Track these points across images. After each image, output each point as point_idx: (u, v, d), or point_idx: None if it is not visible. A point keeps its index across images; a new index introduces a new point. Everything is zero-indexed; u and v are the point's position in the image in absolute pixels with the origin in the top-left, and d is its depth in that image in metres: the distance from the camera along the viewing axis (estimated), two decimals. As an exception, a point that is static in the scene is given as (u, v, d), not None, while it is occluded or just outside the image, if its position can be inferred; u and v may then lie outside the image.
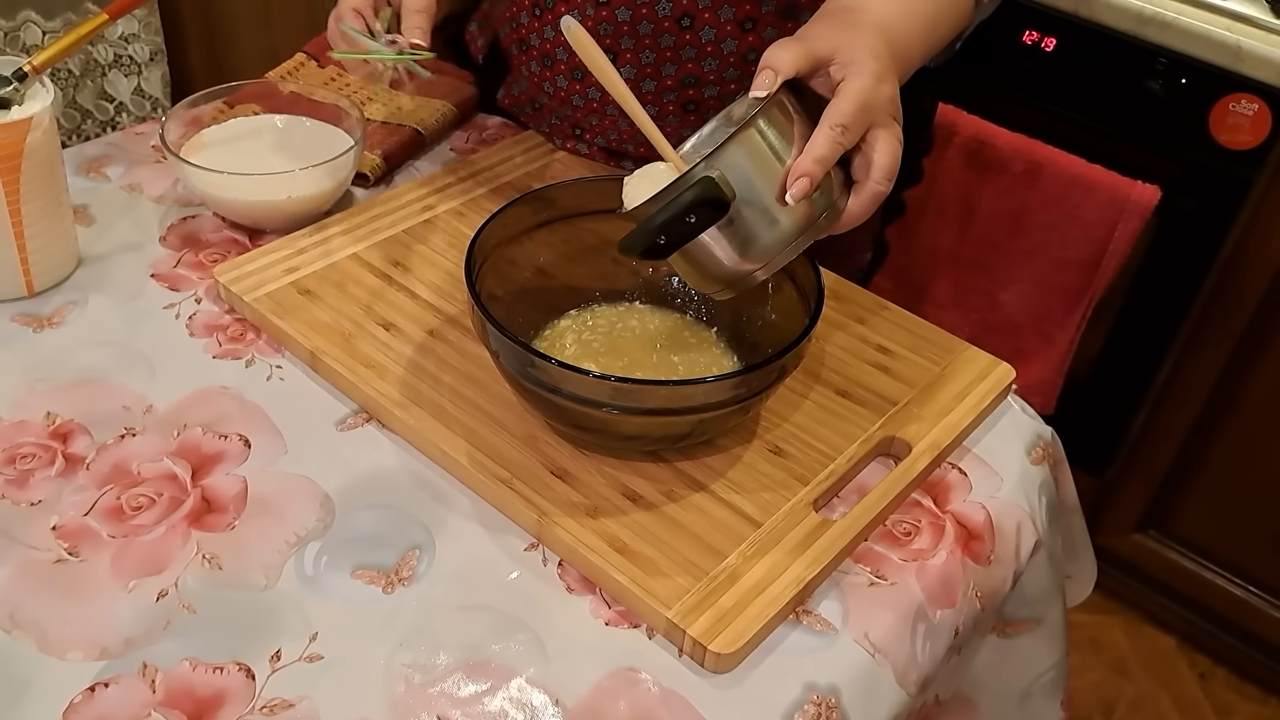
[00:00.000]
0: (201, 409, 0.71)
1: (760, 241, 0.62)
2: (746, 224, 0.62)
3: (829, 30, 0.66)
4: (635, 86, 0.86)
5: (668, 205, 0.59)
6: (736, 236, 0.62)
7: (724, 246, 0.62)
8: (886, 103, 0.64)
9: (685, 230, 0.60)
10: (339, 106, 0.90)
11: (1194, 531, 1.52)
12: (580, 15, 0.84)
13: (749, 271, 0.64)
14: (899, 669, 0.61)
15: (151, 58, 1.64)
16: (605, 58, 0.65)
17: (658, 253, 0.62)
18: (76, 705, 0.54)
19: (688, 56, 0.85)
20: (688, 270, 0.65)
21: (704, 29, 0.83)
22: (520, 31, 0.91)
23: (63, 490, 0.65)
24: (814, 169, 0.61)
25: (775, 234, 0.62)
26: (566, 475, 0.66)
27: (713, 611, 0.59)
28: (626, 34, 0.84)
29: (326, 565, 0.62)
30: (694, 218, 0.60)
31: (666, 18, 0.83)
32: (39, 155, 0.73)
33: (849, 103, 0.62)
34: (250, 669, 0.56)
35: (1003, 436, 0.75)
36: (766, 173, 0.61)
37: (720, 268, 0.64)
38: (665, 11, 0.82)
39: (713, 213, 0.60)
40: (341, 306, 0.77)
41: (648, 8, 0.82)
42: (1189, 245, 1.34)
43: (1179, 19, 1.24)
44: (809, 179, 0.61)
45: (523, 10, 0.89)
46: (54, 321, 0.76)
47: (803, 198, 0.61)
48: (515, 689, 0.57)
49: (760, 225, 0.62)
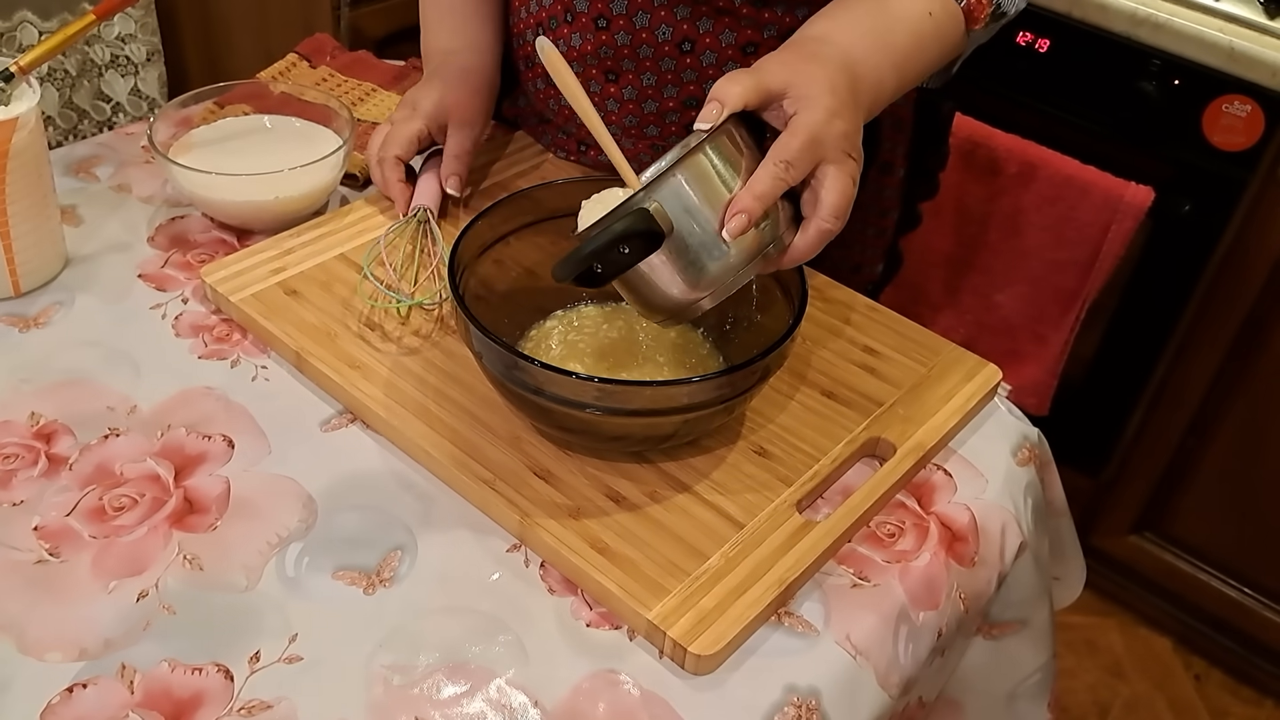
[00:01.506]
0: (186, 409, 0.71)
1: (703, 273, 0.61)
2: (688, 255, 0.60)
3: (787, 62, 0.64)
4: (637, 108, 0.86)
5: (597, 235, 0.58)
6: (678, 267, 0.61)
7: (666, 277, 0.61)
8: (839, 138, 0.62)
9: (618, 260, 0.59)
10: (329, 107, 0.90)
11: (1189, 533, 1.52)
12: (581, 38, 0.84)
13: (692, 302, 0.62)
14: (881, 671, 0.61)
15: (148, 58, 1.64)
16: (576, 80, 0.64)
17: (592, 280, 0.60)
18: (54, 706, 0.54)
19: (689, 79, 0.84)
20: (631, 297, 0.64)
21: (705, 53, 0.82)
22: (525, 49, 0.91)
23: (45, 491, 0.65)
24: (752, 205, 0.59)
25: (718, 266, 0.61)
26: (550, 476, 0.66)
27: (694, 613, 0.59)
28: (627, 57, 0.83)
29: (308, 566, 0.62)
30: (627, 249, 0.59)
31: (667, 42, 0.82)
32: (25, 155, 0.73)
33: (796, 138, 0.61)
34: (229, 670, 0.56)
35: (989, 437, 0.75)
36: (710, 204, 0.60)
37: (663, 297, 0.62)
38: (665, 36, 0.82)
39: (646, 245, 0.59)
40: (328, 307, 0.77)
41: (648, 32, 0.82)
42: (1183, 246, 1.33)
43: (1172, 20, 1.23)
44: (746, 215, 0.59)
45: (528, 29, 0.89)
46: (40, 322, 0.76)
47: (740, 233, 0.59)
48: (495, 690, 0.57)
49: (703, 256, 0.60)
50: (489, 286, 0.72)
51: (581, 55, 0.84)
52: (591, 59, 0.84)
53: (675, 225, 0.60)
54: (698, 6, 0.80)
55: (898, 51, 0.70)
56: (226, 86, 0.92)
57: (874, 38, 0.69)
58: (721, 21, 0.80)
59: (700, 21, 0.81)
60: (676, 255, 0.61)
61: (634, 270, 0.61)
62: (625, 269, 0.60)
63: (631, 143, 0.89)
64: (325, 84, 1.01)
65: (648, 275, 0.62)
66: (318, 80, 1.02)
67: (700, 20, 0.81)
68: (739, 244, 0.61)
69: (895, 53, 0.70)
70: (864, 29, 0.69)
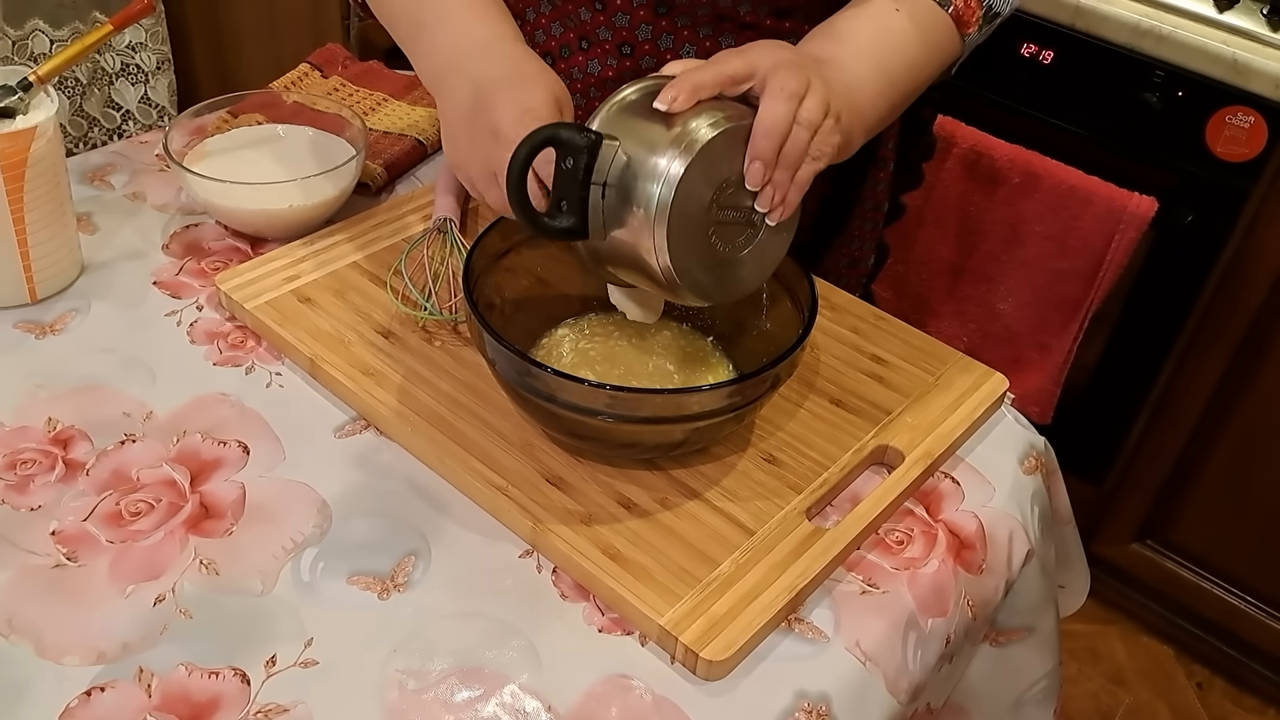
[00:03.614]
0: (201, 416, 0.71)
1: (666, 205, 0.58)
2: (642, 179, 0.59)
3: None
4: None
5: (522, 143, 0.57)
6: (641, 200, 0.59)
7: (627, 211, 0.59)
8: (784, 53, 0.62)
9: (570, 178, 0.58)
10: (341, 116, 0.91)
11: (1192, 541, 1.52)
12: (601, 65, 0.84)
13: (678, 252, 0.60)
14: (890, 677, 0.61)
15: (158, 66, 1.66)
16: None
17: (569, 229, 0.59)
18: (73, 710, 0.55)
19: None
20: (631, 273, 0.64)
21: None
22: None
23: (62, 496, 0.65)
24: (681, 81, 0.58)
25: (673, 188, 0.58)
26: (562, 483, 0.67)
27: (705, 619, 0.59)
28: None
29: (323, 571, 0.63)
30: (569, 160, 0.58)
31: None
32: (43, 164, 0.74)
33: (733, 52, 0.61)
34: (245, 674, 0.57)
35: (995, 446, 0.75)
36: (650, 128, 0.59)
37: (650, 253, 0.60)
38: (689, 56, 0.82)
39: (585, 151, 0.58)
40: (341, 315, 0.78)
41: (672, 54, 0.82)
42: (1186, 256, 1.34)
43: (1176, 32, 1.24)
44: (675, 87, 0.58)
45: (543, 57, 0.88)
46: (56, 328, 0.77)
47: (669, 103, 0.58)
48: (508, 695, 0.57)
49: (654, 177, 0.59)
50: (501, 295, 0.73)
51: (601, 82, 0.85)
52: (612, 85, 0.84)
53: (619, 140, 0.59)
54: (720, 24, 0.81)
55: (879, 54, 0.71)
56: (240, 96, 0.93)
57: (848, 43, 0.70)
58: (744, 36, 0.81)
59: (723, 38, 0.81)
60: (629, 179, 0.59)
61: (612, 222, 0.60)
62: (583, 192, 0.59)
63: None
64: (337, 93, 1.02)
65: (621, 233, 0.60)
66: (330, 90, 1.02)
67: (723, 37, 0.81)
68: (676, 150, 0.58)
69: (876, 55, 0.71)
70: (838, 38, 0.71)
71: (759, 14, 0.81)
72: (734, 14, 0.80)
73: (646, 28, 0.81)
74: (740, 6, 0.80)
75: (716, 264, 0.63)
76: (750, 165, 0.60)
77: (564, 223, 0.60)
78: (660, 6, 0.81)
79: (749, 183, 0.61)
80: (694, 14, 0.80)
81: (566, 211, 0.60)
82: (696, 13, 0.80)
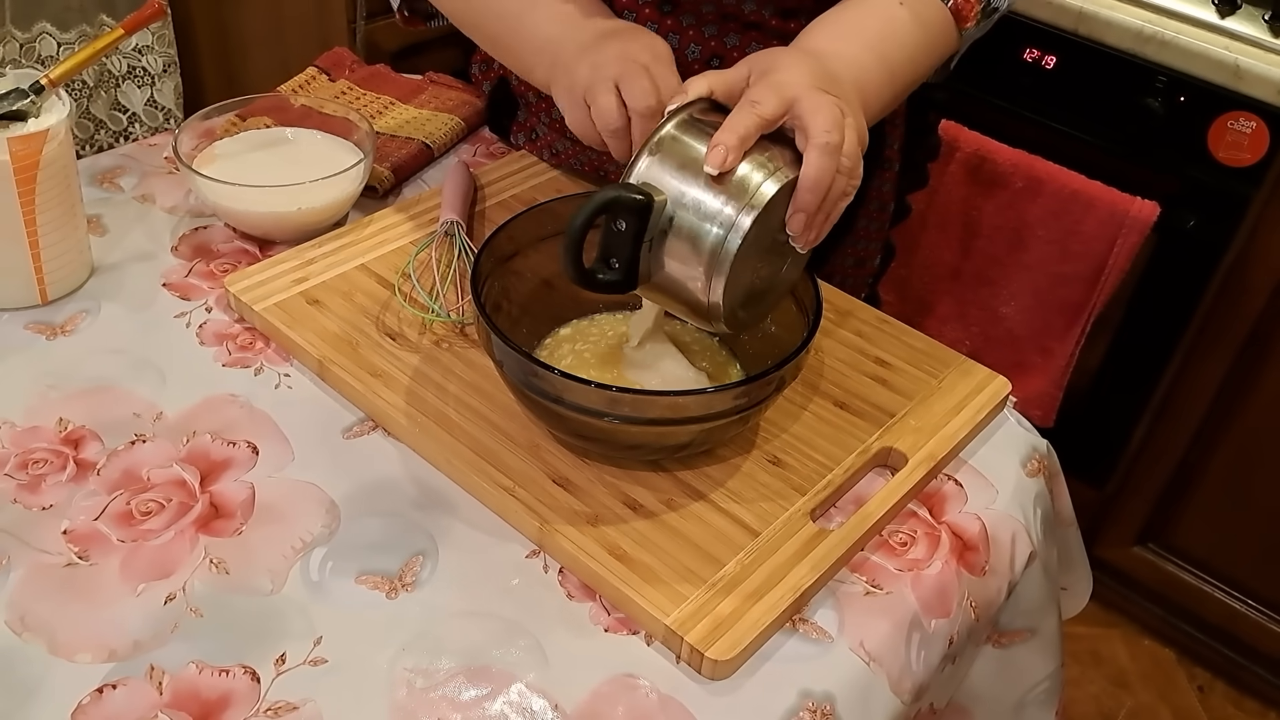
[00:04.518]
0: (210, 416, 0.72)
1: (717, 245, 0.60)
2: (692, 226, 0.60)
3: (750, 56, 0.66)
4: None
5: (578, 212, 0.58)
6: (689, 245, 0.60)
7: (682, 259, 0.60)
8: (806, 76, 0.62)
9: (620, 239, 0.59)
10: (349, 120, 0.92)
11: (1193, 545, 1.53)
12: None
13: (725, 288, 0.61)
14: (894, 677, 0.62)
15: (165, 69, 1.66)
16: None
17: (614, 283, 0.60)
18: (85, 707, 0.55)
19: None
20: (672, 304, 0.65)
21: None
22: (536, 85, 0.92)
23: (74, 495, 0.66)
24: (726, 136, 0.59)
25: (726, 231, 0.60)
26: (568, 484, 0.67)
27: (710, 619, 0.60)
28: None
29: (331, 571, 0.63)
30: (621, 223, 0.59)
31: (696, 60, 0.83)
32: (55, 166, 0.75)
33: (758, 82, 0.62)
34: (255, 672, 0.57)
35: (999, 448, 0.76)
36: (692, 169, 0.60)
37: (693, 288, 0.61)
38: (695, 55, 0.83)
39: (637, 214, 0.59)
40: (349, 316, 0.78)
41: (678, 52, 0.82)
42: (1188, 261, 1.35)
43: (1178, 38, 1.25)
44: (723, 145, 0.59)
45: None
46: (66, 329, 0.78)
47: (721, 165, 0.59)
48: (515, 694, 0.58)
49: (707, 225, 0.60)
50: (508, 297, 0.74)
51: None
52: None
53: (665, 192, 0.60)
54: (726, 23, 0.81)
55: (882, 45, 0.72)
56: (248, 99, 0.94)
57: (853, 35, 0.71)
58: (749, 36, 0.82)
59: (728, 37, 0.82)
60: (681, 228, 0.60)
61: (656, 266, 0.61)
62: (633, 250, 0.60)
63: None
64: (345, 97, 1.03)
65: (668, 269, 0.61)
66: (337, 93, 1.03)
67: (728, 36, 0.82)
68: (739, 202, 0.59)
69: (879, 46, 0.71)
70: (843, 30, 0.71)
71: (764, 13, 0.81)
72: (739, 13, 0.81)
73: (652, 26, 0.82)
74: (745, 5, 0.80)
75: (753, 297, 0.65)
76: (794, 216, 0.61)
77: (612, 277, 0.62)
78: (665, 5, 0.81)
79: (791, 230, 0.62)
80: (699, 12, 0.81)
81: (615, 269, 0.61)
82: (701, 11, 0.81)
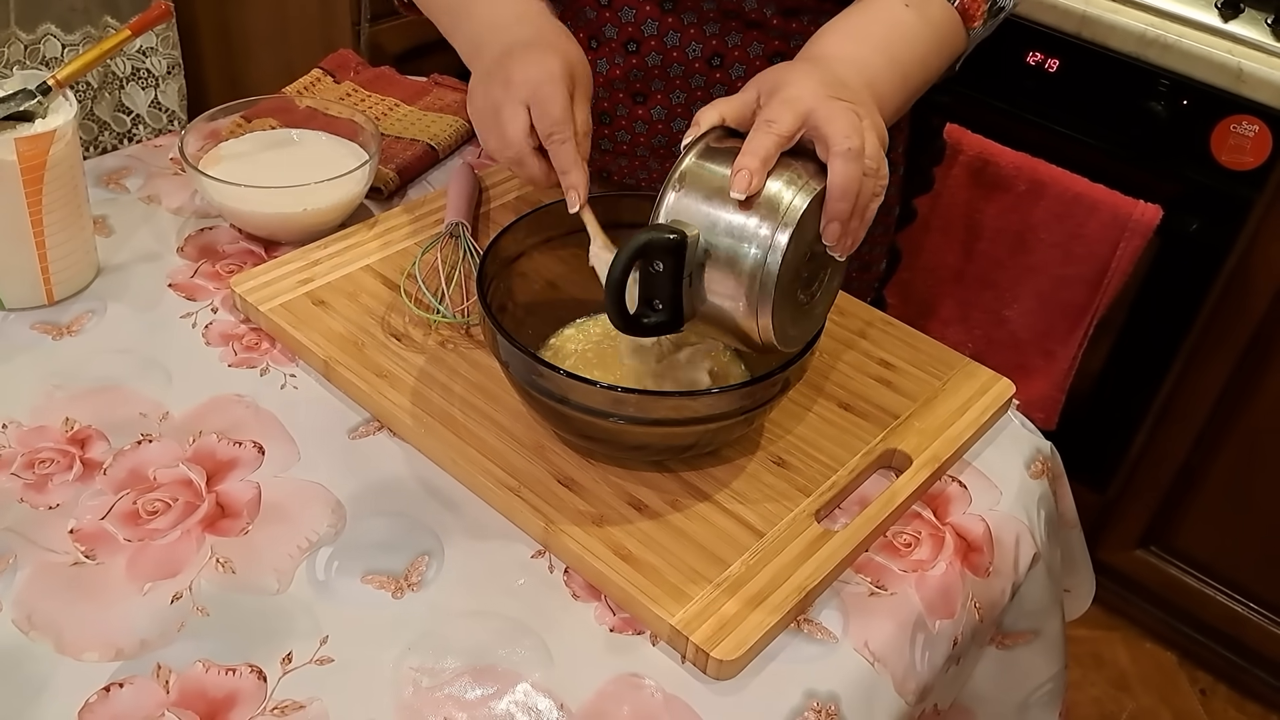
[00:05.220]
0: (217, 416, 0.72)
1: (755, 266, 0.60)
2: (727, 251, 0.60)
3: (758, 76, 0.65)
4: (666, 128, 0.86)
5: (616, 260, 0.59)
6: (727, 270, 0.60)
7: (724, 288, 0.61)
8: (818, 87, 0.62)
9: (660, 282, 0.60)
10: (354, 121, 0.92)
11: (1195, 548, 1.53)
12: (609, 64, 0.84)
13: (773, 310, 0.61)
14: (898, 678, 0.62)
15: (169, 71, 1.67)
16: None
17: (661, 325, 0.61)
18: (92, 705, 0.56)
19: (718, 94, 0.84)
20: (720, 334, 0.64)
21: (734, 66, 0.83)
22: None
23: (80, 494, 0.66)
24: (747, 160, 0.59)
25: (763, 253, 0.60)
26: (573, 484, 0.68)
27: (715, 619, 0.60)
28: (657, 77, 0.84)
29: (337, 570, 0.63)
30: (659, 265, 0.59)
31: (697, 59, 0.83)
32: (61, 167, 0.75)
33: (770, 100, 0.62)
34: (262, 671, 0.58)
35: (1002, 450, 0.76)
36: (719, 196, 0.60)
37: (739, 316, 0.61)
38: (696, 54, 0.83)
39: (673, 253, 0.59)
40: (354, 317, 0.79)
41: (678, 50, 0.82)
42: (1190, 264, 1.35)
43: (1181, 41, 1.25)
44: (746, 169, 0.59)
45: None
46: (73, 330, 0.78)
47: (747, 189, 0.59)
48: (521, 693, 0.58)
49: (743, 247, 0.60)
50: (513, 299, 0.74)
51: (609, 80, 0.85)
52: (620, 84, 0.85)
53: (696, 225, 0.60)
54: (727, 21, 0.81)
55: (891, 47, 0.71)
56: (253, 101, 0.94)
57: (860, 38, 0.70)
58: (750, 34, 0.82)
59: (729, 36, 0.82)
60: (717, 257, 0.60)
61: (699, 300, 0.61)
62: (674, 289, 0.60)
63: (659, 164, 0.90)
64: (349, 99, 1.03)
65: (711, 300, 0.61)
66: (342, 95, 1.03)
67: (730, 35, 0.82)
68: (773, 221, 0.59)
69: (889, 49, 0.71)
70: (851, 34, 0.71)
71: (765, 11, 0.81)
72: (740, 10, 0.81)
73: (652, 24, 0.82)
74: (746, 3, 0.80)
75: (801, 313, 0.65)
76: (828, 226, 0.61)
77: (657, 319, 0.62)
78: (666, 3, 0.81)
79: (827, 239, 0.62)
80: (700, 10, 0.81)
81: (660, 310, 0.62)
82: (702, 9, 0.81)
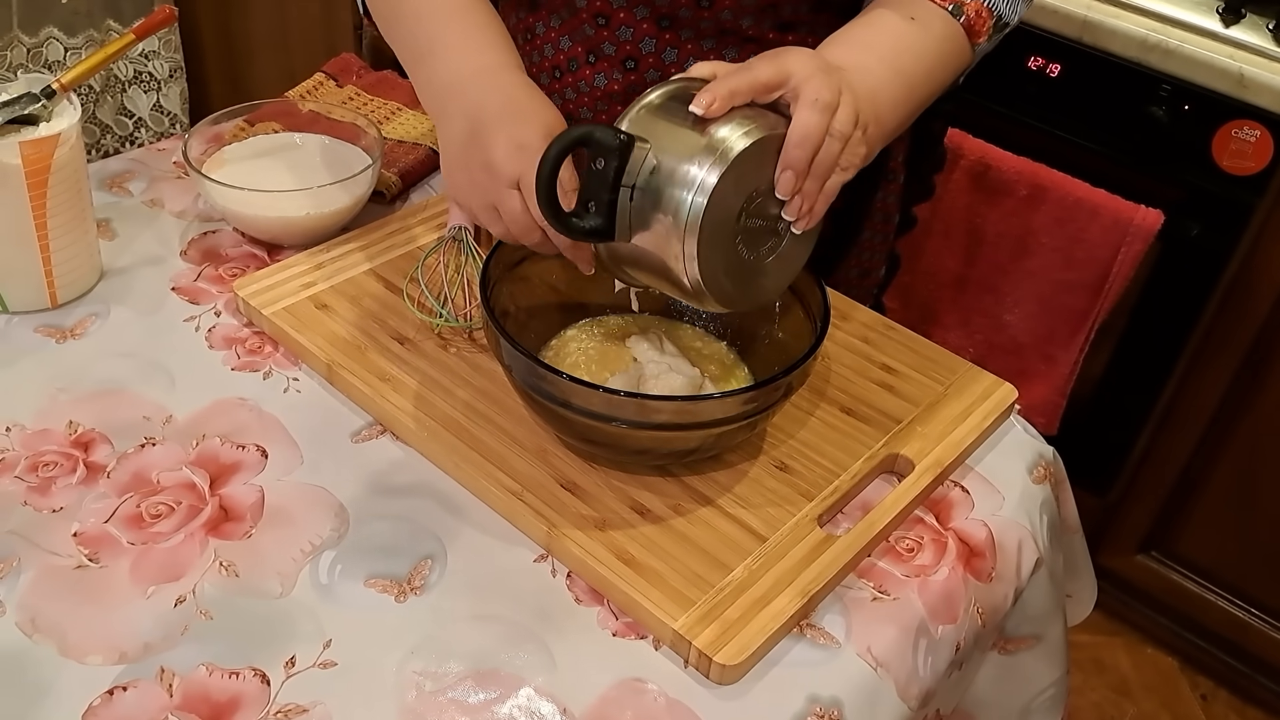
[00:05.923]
0: (220, 420, 0.72)
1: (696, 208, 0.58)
2: (671, 182, 0.59)
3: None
4: None
5: (553, 143, 0.57)
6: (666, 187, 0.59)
7: (661, 213, 0.59)
8: (812, 58, 0.62)
9: (600, 178, 0.58)
10: (357, 125, 0.92)
11: (1196, 553, 1.53)
12: (607, 79, 0.85)
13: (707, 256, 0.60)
14: (901, 683, 0.62)
15: (171, 75, 1.67)
16: None
17: (596, 229, 0.59)
18: (95, 708, 0.56)
19: None
20: (654, 277, 0.64)
21: None
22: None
23: (84, 498, 0.66)
24: (716, 85, 0.58)
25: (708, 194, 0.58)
26: (576, 489, 0.68)
27: (718, 624, 0.60)
28: None
29: (341, 574, 0.63)
30: (600, 161, 0.58)
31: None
32: (65, 170, 0.75)
33: (763, 56, 0.61)
34: (265, 674, 0.58)
35: (1005, 455, 0.76)
36: (679, 122, 0.60)
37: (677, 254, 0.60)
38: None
39: (617, 153, 0.58)
40: (357, 321, 0.79)
41: (677, 67, 0.83)
42: (1192, 269, 1.35)
43: (1182, 46, 1.25)
44: (710, 92, 0.58)
45: (543, 72, 0.89)
46: (76, 333, 0.78)
47: (705, 109, 0.58)
48: (524, 697, 0.58)
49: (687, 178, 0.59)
50: (516, 303, 0.74)
51: (607, 95, 0.85)
52: (618, 98, 0.85)
53: (651, 141, 0.59)
54: (724, 37, 0.82)
55: (897, 59, 0.72)
56: (256, 105, 0.94)
57: (865, 49, 0.71)
58: (747, 49, 0.82)
59: (726, 52, 0.82)
60: (661, 178, 0.59)
61: (639, 222, 0.59)
62: (612, 194, 0.59)
63: None
64: (352, 102, 1.03)
65: (648, 228, 0.60)
66: (345, 99, 1.04)
67: (727, 50, 0.82)
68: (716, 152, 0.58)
69: (894, 61, 0.71)
70: (856, 45, 0.71)
71: (761, 28, 0.82)
72: (736, 28, 0.81)
73: (650, 41, 0.82)
74: (742, 20, 0.81)
75: (741, 271, 0.64)
76: (782, 174, 0.61)
77: (591, 223, 0.61)
78: (663, 20, 0.81)
79: (780, 191, 0.61)
80: (697, 28, 0.81)
81: (594, 213, 0.60)
82: (699, 26, 0.81)
